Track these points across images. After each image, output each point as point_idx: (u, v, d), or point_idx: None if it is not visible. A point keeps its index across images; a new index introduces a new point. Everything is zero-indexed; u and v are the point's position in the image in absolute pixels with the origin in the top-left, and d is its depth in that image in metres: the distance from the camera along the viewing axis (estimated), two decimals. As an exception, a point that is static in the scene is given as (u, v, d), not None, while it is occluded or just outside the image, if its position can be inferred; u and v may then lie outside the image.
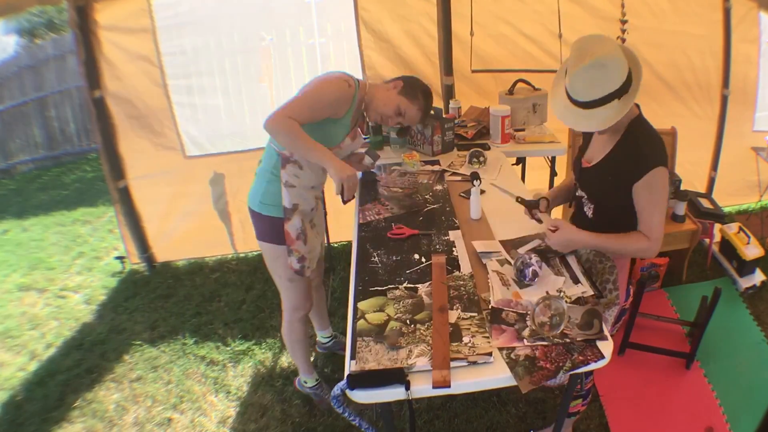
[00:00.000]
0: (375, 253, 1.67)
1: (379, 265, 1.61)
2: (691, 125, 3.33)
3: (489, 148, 2.52)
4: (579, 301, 1.40)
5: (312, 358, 2.58)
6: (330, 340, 2.60)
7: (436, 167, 2.32)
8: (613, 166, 1.52)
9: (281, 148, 1.81)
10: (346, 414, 1.36)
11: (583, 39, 1.44)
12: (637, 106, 1.52)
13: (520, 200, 1.74)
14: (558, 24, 2.99)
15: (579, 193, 1.69)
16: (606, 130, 1.47)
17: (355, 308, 1.41)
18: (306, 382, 2.31)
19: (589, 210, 1.64)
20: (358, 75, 3.23)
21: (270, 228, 1.91)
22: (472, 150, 2.36)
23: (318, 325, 2.55)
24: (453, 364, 1.19)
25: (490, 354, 1.22)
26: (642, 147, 1.46)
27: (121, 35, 2.97)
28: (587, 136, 1.71)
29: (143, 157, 3.26)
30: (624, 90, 1.39)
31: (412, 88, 1.90)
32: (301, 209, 1.90)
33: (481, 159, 2.33)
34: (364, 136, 2.67)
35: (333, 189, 1.73)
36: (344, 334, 2.18)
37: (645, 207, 1.48)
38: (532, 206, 1.73)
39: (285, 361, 2.64)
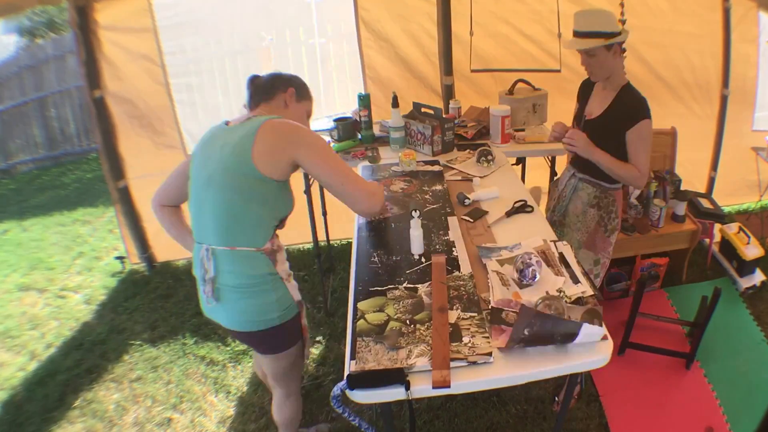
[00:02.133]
0: (375, 253, 1.67)
1: (379, 265, 1.61)
2: (691, 125, 3.33)
3: (493, 156, 2.51)
4: (579, 301, 1.40)
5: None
6: None
7: (436, 167, 2.32)
8: (610, 118, 2.00)
9: (259, 244, 1.45)
10: (346, 414, 1.36)
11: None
12: (629, 83, 2.01)
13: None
14: (558, 24, 2.99)
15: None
16: (596, 73, 2.00)
17: (355, 308, 1.41)
18: None
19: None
20: (358, 75, 3.23)
21: (293, 329, 1.58)
22: (480, 149, 2.35)
23: None
24: (453, 364, 1.19)
25: (490, 354, 1.22)
26: (633, 104, 1.95)
27: (121, 35, 2.97)
28: (585, 95, 2.16)
29: (143, 156, 3.26)
30: (609, 36, 1.88)
31: (300, 86, 1.64)
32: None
33: (489, 158, 2.33)
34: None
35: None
36: (344, 334, 2.18)
37: (636, 149, 1.97)
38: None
39: None
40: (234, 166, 1.41)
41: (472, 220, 1.86)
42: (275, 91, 1.59)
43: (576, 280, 1.48)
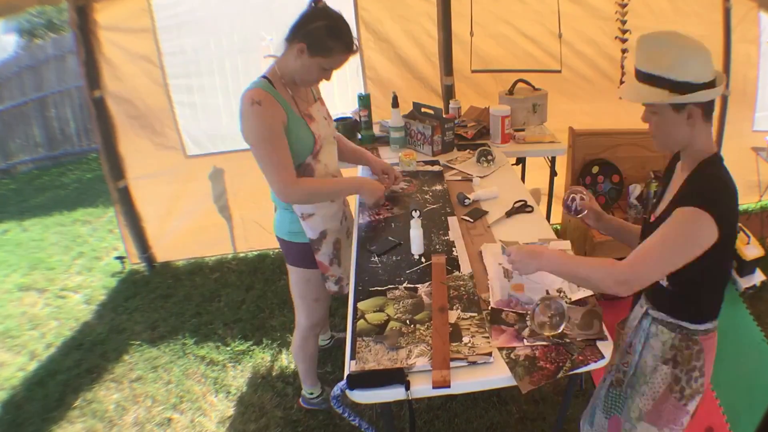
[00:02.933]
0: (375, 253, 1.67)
1: (379, 265, 1.61)
2: (691, 125, 3.33)
3: (494, 156, 2.52)
4: (579, 301, 1.40)
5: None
6: (329, 342, 2.62)
7: (436, 167, 2.32)
8: (670, 211, 1.20)
9: None
10: (346, 414, 1.36)
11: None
12: (719, 155, 1.28)
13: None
14: (558, 24, 2.99)
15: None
16: (658, 140, 1.30)
17: (355, 308, 1.41)
18: (311, 393, 2.28)
19: (663, 279, 1.28)
20: (358, 75, 3.23)
21: (303, 254, 1.87)
22: (480, 149, 2.35)
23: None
24: (453, 364, 1.19)
25: (489, 354, 1.22)
26: (699, 184, 1.22)
27: (121, 35, 2.97)
28: (660, 191, 1.42)
29: (143, 156, 3.26)
30: (683, 87, 1.17)
31: (319, 42, 1.60)
32: (331, 231, 1.86)
33: (489, 158, 2.33)
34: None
35: None
36: (344, 334, 2.18)
37: (649, 239, 1.21)
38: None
39: (285, 361, 2.64)
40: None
41: (472, 220, 1.86)
42: (294, 39, 1.62)
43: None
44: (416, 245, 1.66)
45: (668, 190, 1.36)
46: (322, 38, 1.59)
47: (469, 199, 1.97)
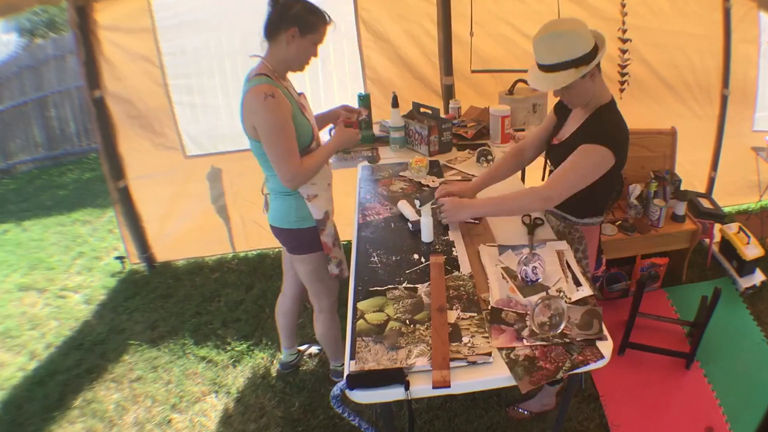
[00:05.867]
0: (375, 253, 1.67)
1: (379, 265, 1.61)
2: (691, 125, 3.33)
3: (492, 155, 2.52)
4: (579, 301, 1.40)
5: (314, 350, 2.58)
6: (296, 358, 2.56)
7: (433, 181, 2.24)
8: (574, 141, 1.62)
9: None
10: (346, 414, 1.36)
11: (555, 19, 1.61)
12: (614, 101, 1.64)
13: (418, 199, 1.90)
14: (558, 24, 2.99)
15: (549, 167, 1.86)
16: (574, 103, 1.65)
17: (355, 308, 1.41)
18: (342, 365, 2.35)
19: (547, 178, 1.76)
20: (358, 75, 3.23)
21: (309, 240, 1.94)
22: (480, 149, 2.35)
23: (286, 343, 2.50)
24: (453, 364, 1.19)
25: (489, 354, 1.22)
26: (599, 125, 1.59)
27: (121, 35, 2.97)
28: (561, 118, 1.81)
29: (143, 156, 3.26)
30: (582, 61, 1.50)
31: (307, 23, 1.69)
32: (330, 212, 1.95)
33: (489, 158, 2.32)
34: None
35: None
36: (344, 334, 2.18)
37: (563, 164, 1.57)
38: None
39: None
40: (242, 127, 1.78)
41: (477, 222, 1.85)
42: (279, 30, 1.70)
43: (578, 283, 1.47)
44: (426, 233, 1.69)
45: (567, 122, 1.76)
46: (306, 17, 1.70)
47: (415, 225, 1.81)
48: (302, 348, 2.63)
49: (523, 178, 2.93)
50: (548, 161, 1.86)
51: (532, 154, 1.96)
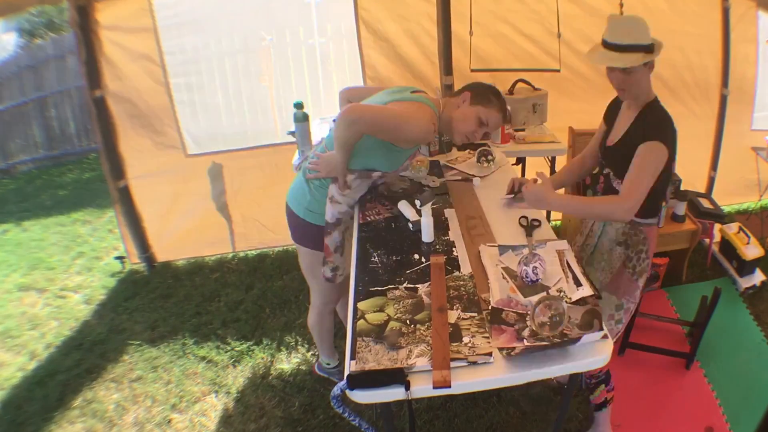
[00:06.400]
0: (375, 253, 1.67)
1: (379, 265, 1.61)
2: (690, 125, 3.33)
3: (494, 156, 2.52)
4: (579, 301, 1.40)
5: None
6: (336, 365, 2.46)
7: (433, 181, 2.23)
8: (630, 139, 1.69)
9: None
10: (346, 414, 1.36)
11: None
12: (657, 98, 1.72)
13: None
14: (557, 24, 2.99)
15: (606, 171, 1.87)
16: (628, 92, 1.68)
17: (355, 308, 1.41)
18: (329, 364, 2.40)
19: (618, 184, 1.77)
20: (358, 75, 3.23)
21: (313, 235, 1.93)
22: (480, 149, 2.35)
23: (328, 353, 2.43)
24: (453, 364, 1.19)
25: (490, 354, 1.22)
26: (651, 122, 1.67)
27: (122, 35, 2.97)
28: (610, 119, 1.87)
29: (144, 156, 3.26)
30: (650, 49, 1.59)
31: (482, 94, 1.83)
32: (345, 221, 1.92)
33: (490, 158, 2.32)
34: None
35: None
36: (344, 334, 2.18)
37: (631, 170, 1.62)
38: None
39: (285, 361, 2.64)
40: None
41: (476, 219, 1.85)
42: (460, 92, 1.88)
43: (578, 283, 1.47)
44: (427, 233, 1.69)
45: (617, 123, 1.82)
46: (485, 93, 1.83)
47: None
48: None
49: (523, 170, 2.93)
50: (605, 163, 1.88)
51: (594, 162, 2.02)
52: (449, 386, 1.16)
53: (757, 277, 2.93)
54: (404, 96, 1.80)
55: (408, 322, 1.34)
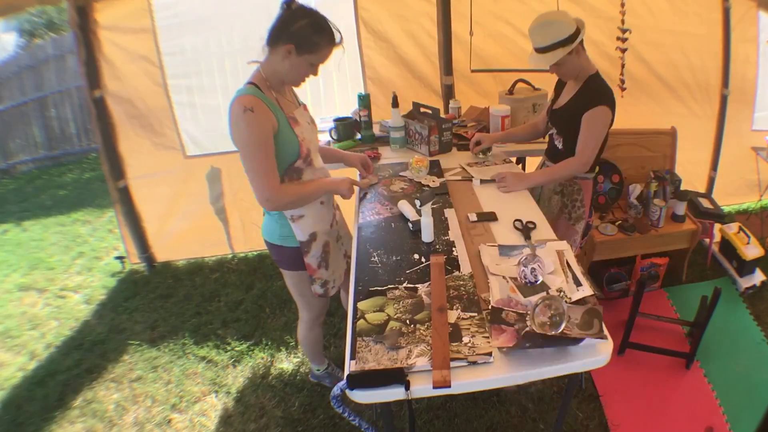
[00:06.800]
0: (375, 253, 1.67)
1: (379, 265, 1.61)
2: (691, 125, 3.33)
3: (490, 148, 2.53)
4: (579, 301, 1.40)
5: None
6: (326, 369, 2.45)
7: (434, 181, 2.23)
8: (573, 105, 2.03)
9: None
10: (346, 414, 1.36)
11: (543, 12, 2.00)
12: (598, 71, 2.01)
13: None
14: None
15: (550, 130, 2.21)
16: (566, 76, 2.04)
17: (355, 308, 1.41)
18: (318, 369, 2.40)
19: (559, 142, 2.15)
20: (358, 75, 3.23)
21: (293, 257, 1.89)
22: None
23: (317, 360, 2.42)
24: (453, 364, 1.19)
25: (490, 354, 1.22)
26: (594, 91, 1.96)
27: (121, 35, 2.97)
28: (559, 90, 2.19)
29: (143, 156, 3.26)
30: (568, 41, 1.88)
31: (305, 40, 1.61)
32: (321, 234, 1.88)
33: (487, 151, 2.37)
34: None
35: None
36: (344, 334, 2.18)
37: (582, 133, 1.98)
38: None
39: (285, 361, 2.64)
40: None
41: (477, 219, 1.84)
42: (278, 42, 1.63)
43: (578, 283, 1.47)
44: (427, 234, 1.69)
45: (564, 92, 2.13)
46: (307, 36, 1.61)
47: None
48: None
49: (524, 169, 2.93)
50: (550, 124, 2.21)
51: (545, 127, 2.33)
52: (449, 386, 1.16)
53: (757, 277, 2.93)
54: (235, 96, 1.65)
55: (408, 322, 1.34)
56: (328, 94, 3.30)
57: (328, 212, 1.92)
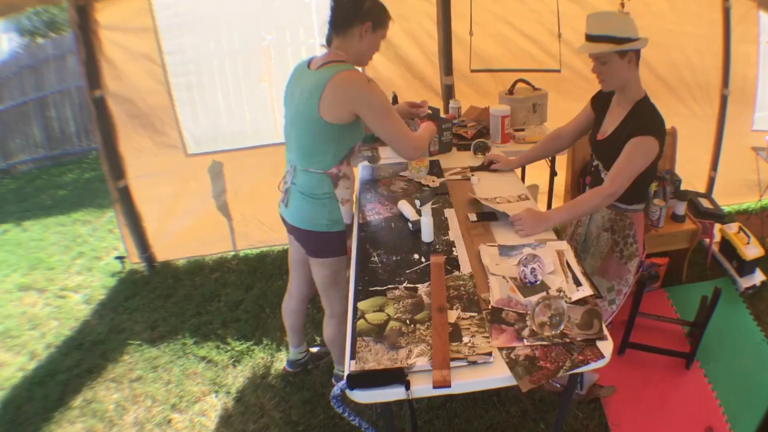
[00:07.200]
0: (375, 253, 1.67)
1: (379, 265, 1.61)
2: (691, 125, 3.33)
3: (489, 148, 2.53)
4: (579, 301, 1.40)
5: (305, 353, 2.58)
6: (304, 357, 2.52)
7: (434, 181, 2.24)
8: (620, 134, 1.77)
9: (327, 168, 1.77)
10: (346, 414, 1.36)
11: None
12: (647, 96, 1.80)
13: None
14: (557, 24, 2.99)
15: (595, 162, 1.96)
16: (607, 82, 1.78)
17: (355, 308, 1.41)
18: (342, 371, 2.32)
19: (606, 176, 1.83)
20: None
21: (335, 244, 1.89)
22: (476, 141, 2.40)
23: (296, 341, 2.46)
24: (453, 364, 1.19)
25: (490, 354, 1.22)
26: (645, 117, 1.74)
27: (121, 35, 2.97)
28: (600, 114, 1.94)
29: (144, 156, 3.26)
30: (622, 42, 1.68)
31: (379, 17, 1.75)
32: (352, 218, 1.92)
33: (486, 149, 2.38)
34: None
35: None
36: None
37: (620, 159, 1.73)
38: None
39: (284, 360, 2.64)
40: (306, 113, 1.70)
41: (477, 220, 1.85)
42: (352, 23, 1.71)
43: (578, 282, 1.47)
44: (426, 233, 1.69)
45: (608, 117, 1.89)
46: (378, 12, 1.75)
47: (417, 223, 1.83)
48: (313, 350, 2.58)
49: (523, 178, 2.93)
50: (594, 156, 1.97)
51: (568, 142, 2.15)
52: (449, 386, 1.16)
53: (757, 277, 2.93)
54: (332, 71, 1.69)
55: (408, 321, 1.34)
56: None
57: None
